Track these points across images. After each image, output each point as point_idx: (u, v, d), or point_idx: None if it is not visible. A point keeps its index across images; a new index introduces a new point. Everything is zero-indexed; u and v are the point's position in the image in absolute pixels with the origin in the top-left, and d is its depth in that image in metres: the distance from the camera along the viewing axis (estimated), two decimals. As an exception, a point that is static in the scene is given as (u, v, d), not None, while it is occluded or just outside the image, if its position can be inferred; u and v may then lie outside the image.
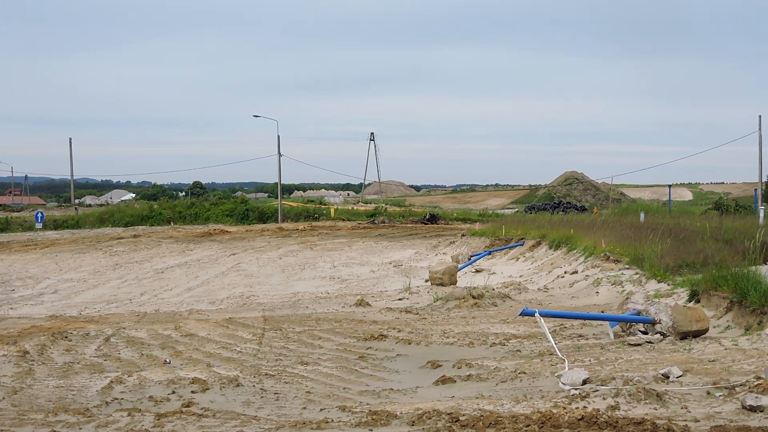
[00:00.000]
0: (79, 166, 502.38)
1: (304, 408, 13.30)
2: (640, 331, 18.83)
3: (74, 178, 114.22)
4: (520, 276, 36.09)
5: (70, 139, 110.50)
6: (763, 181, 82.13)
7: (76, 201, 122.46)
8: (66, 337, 21.18)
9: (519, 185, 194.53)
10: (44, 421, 12.30)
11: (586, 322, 21.39)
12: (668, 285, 25.12)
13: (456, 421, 11.27)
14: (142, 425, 11.90)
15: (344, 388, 15.05)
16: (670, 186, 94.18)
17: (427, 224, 78.33)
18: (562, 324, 21.62)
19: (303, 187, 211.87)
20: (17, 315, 28.51)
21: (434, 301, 27.98)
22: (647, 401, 11.98)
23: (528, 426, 10.88)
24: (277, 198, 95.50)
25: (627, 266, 30.14)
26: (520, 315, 19.05)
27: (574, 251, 36.87)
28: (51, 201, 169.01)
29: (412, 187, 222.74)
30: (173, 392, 14.70)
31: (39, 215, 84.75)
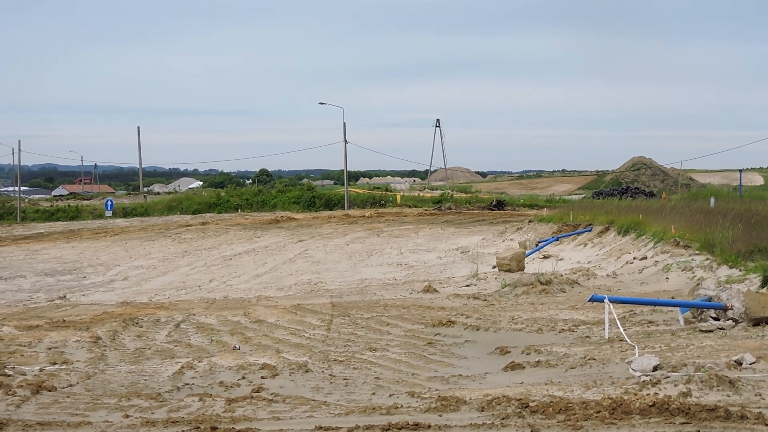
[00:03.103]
0: (148, 154, 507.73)
1: (373, 394, 13.33)
2: (711, 317, 18.65)
3: (142, 166, 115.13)
4: (588, 262, 35.86)
5: (139, 127, 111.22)
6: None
7: (145, 189, 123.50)
8: (137, 323, 21.39)
9: (586, 171, 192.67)
10: (117, 406, 12.43)
11: (656, 308, 21.21)
12: (740, 271, 24.86)
13: (526, 407, 11.23)
14: (213, 410, 11.99)
15: (413, 374, 15.06)
16: (740, 171, 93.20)
17: (493, 210, 77.94)
18: (631, 310, 21.46)
19: (369, 174, 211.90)
20: (89, 301, 28.85)
21: (502, 288, 27.90)
22: (720, 388, 11.86)
23: (598, 412, 10.83)
24: (343, 185, 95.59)
25: (697, 252, 29.82)
26: (589, 301, 18.98)
27: (643, 237, 36.54)
28: (120, 189, 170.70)
29: (478, 173, 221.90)
30: (243, 378, 14.80)
31: (109, 203, 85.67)
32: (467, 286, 29.76)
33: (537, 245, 42.51)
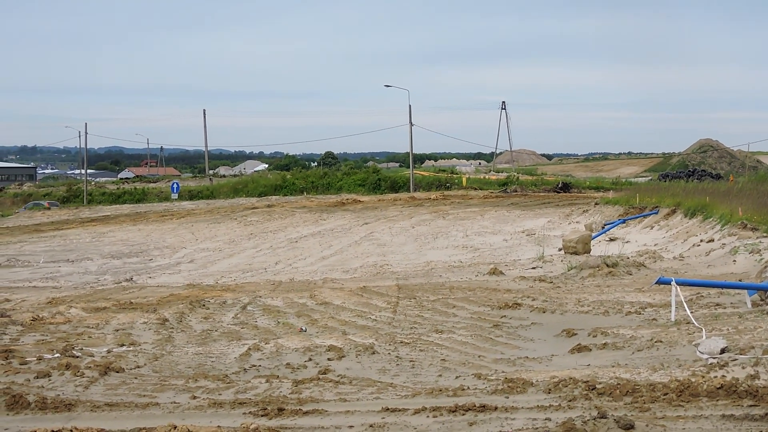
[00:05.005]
0: (213, 137, 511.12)
1: (440, 375, 13.35)
2: (779, 299, 18.45)
3: (208, 149, 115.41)
4: (655, 244, 35.59)
5: (204, 110, 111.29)
6: None
7: (211, 172, 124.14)
8: (204, 306, 21.58)
9: (652, 153, 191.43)
10: (185, 387, 12.57)
11: (724, 290, 21.01)
12: (808, 253, 24.58)
13: (592, 389, 11.22)
14: (280, 392, 12.08)
15: (479, 356, 15.06)
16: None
17: (559, 193, 77.59)
18: (698, 293, 21.27)
19: (434, 157, 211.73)
20: (156, 284, 29.13)
21: (568, 270, 27.78)
22: (788, 371, 11.76)
23: (666, 395, 10.78)
24: (408, 167, 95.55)
25: (765, 234, 29.47)
26: (656, 283, 18.84)
27: (710, 219, 36.20)
28: (186, 172, 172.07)
29: (543, 155, 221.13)
30: (310, 359, 14.88)
31: (175, 186, 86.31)
32: (533, 268, 29.66)
33: (603, 228, 42.33)
